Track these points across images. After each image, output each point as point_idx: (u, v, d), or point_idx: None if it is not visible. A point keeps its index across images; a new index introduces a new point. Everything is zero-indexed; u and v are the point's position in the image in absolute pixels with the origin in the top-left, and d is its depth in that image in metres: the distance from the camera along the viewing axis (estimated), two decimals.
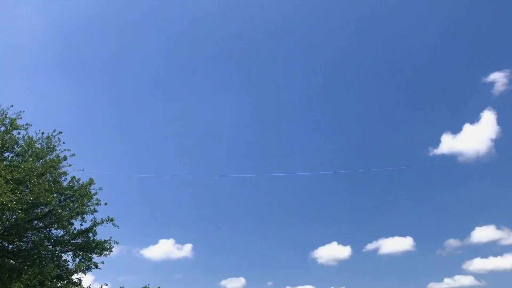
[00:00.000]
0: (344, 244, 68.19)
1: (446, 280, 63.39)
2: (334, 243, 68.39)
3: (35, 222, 23.07)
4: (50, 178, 22.61)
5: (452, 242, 66.14)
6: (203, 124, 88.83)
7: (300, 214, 79.99)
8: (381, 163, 78.32)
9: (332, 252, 68.02)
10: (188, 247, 78.18)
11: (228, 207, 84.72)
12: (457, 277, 62.19)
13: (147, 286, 53.89)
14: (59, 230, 23.76)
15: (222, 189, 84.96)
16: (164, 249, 76.71)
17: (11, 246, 22.91)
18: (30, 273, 18.29)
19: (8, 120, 22.20)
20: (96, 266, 24.09)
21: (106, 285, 22.06)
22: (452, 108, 78.80)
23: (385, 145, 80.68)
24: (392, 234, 68.01)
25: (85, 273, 23.70)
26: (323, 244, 70.26)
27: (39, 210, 22.03)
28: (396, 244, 66.75)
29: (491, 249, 63.09)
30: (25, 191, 19.12)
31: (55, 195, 21.78)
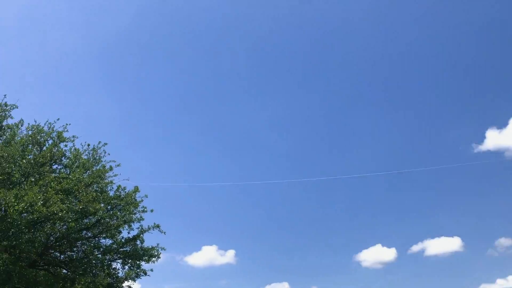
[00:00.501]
0: (389, 246, 66.38)
1: (499, 281, 60.58)
2: (379, 246, 66.67)
3: (85, 232, 23.43)
4: (97, 188, 22.93)
5: (504, 241, 63.25)
6: (243, 130, 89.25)
7: (343, 218, 78.76)
8: (424, 162, 76.29)
9: (377, 254, 66.31)
10: (231, 253, 78.33)
11: (269, 212, 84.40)
12: (510, 277, 59.48)
13: None
14: (107, 239, 24.10)
15: (263, 195, 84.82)
16: (207, 255, 77.08)
17: (62, 256, 23.35)
18: (83, 282, 18.50)
19: (55, 133, 22.67)
20: (145, 273, 24.26)
21: None
22: (496, 102, 75.92)
23: (428, 144, 78.52)
24: (439, 235, 65.67)
25: (134, 280, 23.92)
26: (367, 247, 68.75)
27: (87, 220, 22.40)
28: (443, 245, 64.29)
29: None
30: (73, 201, 19.41)
31: (102, 204, 22.07)
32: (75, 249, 23.71)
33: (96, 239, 23.72)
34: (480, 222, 68.19)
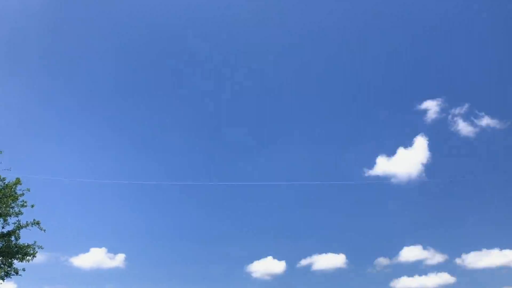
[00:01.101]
0: (279, 259, 68.41)
1: None
2: (270, 258, 68.46)
3: None
4: None
5: (382, 261, 67.92)
6: (140, 130, 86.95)
7: (235, 230, 79.46)
8: (320, 178, 79.62)
9: (267, 266, 68.04)
10: (121, 257, 75.22)
11: (164, 217, 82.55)
12: None
13: None
14: None
15: (157, 199, 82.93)
16: (95, 258, 73.44)
17: None
18: None
19: None
20: (17, 273, 22.32)
21: None
22: (388, 131, 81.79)
23: (325, 162, 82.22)
24: (326, 251, 68.99)
25: (3, 279, 21.89)
26: (258, 258, 70.09)
27: None
28: (329, 261, 67.81)
29: (417, 268, 65.40)
30: None
31: None
32: None
33: None
34: (364, 241, 72.64)
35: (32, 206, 22.54)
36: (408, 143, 75.06)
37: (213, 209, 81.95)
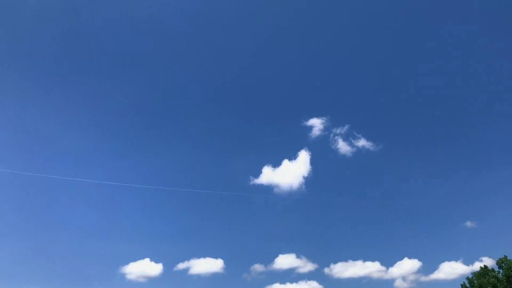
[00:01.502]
0: (157, 262, 67.02)
1: None
2: (147, 260, 66.78)
3: None
4: None
5: (258, 267, 70.03)
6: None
7: (113, 228, 76.48)
8: (205, 184, 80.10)
9: (144, 268, 66.30)
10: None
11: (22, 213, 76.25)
12: None
13: None
14: None
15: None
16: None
17: None
18: None
19: None
20: None
21: None
22: (276, 143, 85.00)
23: (216, 170, 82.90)
24: (205, 255, 69.35)
25: None
26: (135, 259, 68.04)
27: None
28: (207, 265, 68.22)
29: (290, 275, 68.62)
30: None
31: None
32: None
33: None
34: (241, 247, 74.41)
35: None
36: (292, 156, 78.78)
37: (91, 207, 78.29)
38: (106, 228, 75.88)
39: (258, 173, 76.66)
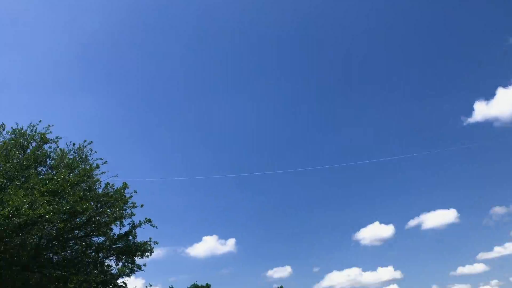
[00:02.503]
0: (386, 223, 66.51)
1: (497, 248, 60.85)
2: (376, 223, 66.83)
3: (76, 231, 23.12)
4: (85, 187, 22.56)
5: (498, 210, 63.48)
6: (234, 123, 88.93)
7: (339, 200, 78.78)
8: (417, 139, 76.04)
9: (375, 232, 66.53)
10: (231, 241, 78.12)
11: (266, 200, 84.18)
12: (507, 244, 59.70)
13: (196, 283, 53.94)
14: (99, 237, 23.77)
15: (258, 185, 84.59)
16: (208, 245, 76.98)
17: (55, 257, 23.02)
18: (75, 281, 18.20)
19: (38, 136, 22.21)
20: (140, 268, 23.97)
21: (151, 285, 21.89)
22: (482, 74, 75.54)
23: (421, 122, 78.48)
24: (434, 208, 65.91)
25: (129, 276, 23.65)
26: (365, 225, 68.95)
27: (78, 220, 22.03)
28: (439, 218, 64.53)
29: None
30: (61, 202, 19.02)
31: (92, 203, 21.68)
32: (68, 249, 23.40)
33: (88, 237, 23.41)
34: (475, 192, 68.39)
35: (141, 206, 23.97)
36: (507, 82, 69.16)
37: (312, 187, 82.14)
38: (333, 200, 78.50)
39: (470, 112, 70.05)
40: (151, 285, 21.37)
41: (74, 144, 23.48)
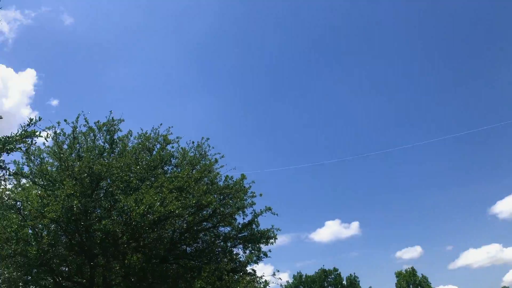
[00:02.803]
0: None
1: None
2: None
3: (204, 223, 24.56)
4: (208, 181, 23.84)
5: None
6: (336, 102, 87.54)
7: (472, 172, 73.76)
8: None
9: None
10: (355, 225, 76.98)
11: (388, 180, 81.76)
12: None
13: (323, 267, 54.09)
14: (226, 227, 25.00)
15: (376, 165, 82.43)
16: (331, 230, 76.93)
17: (189, 249, 24.70)
18: (208, 270, 19.37)
19: (161, 138, 23.90)
20: (266, 255, 24.76)
21: (278, 271, 22.50)
22: None
23: None
24: None
25: (257, 263, 24.55)
26: (502, 197, 63.52)
27: (205, 212, 23.38)
28: None
29: None
30: (187, 197, 20.31)
31: (215, 196, 22.86)
32: (199, 240, 24.96)
33: (216, 228, 24.73)
34: None
35: (261, 194, 24.70)
36: None
37: (439, 163, 77.64)
38: (463, 174, 73.99)
39: None
40: (278, 271, 21.97)
41: (193, 142, 24.86)
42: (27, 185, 20.40)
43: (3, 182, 19.26)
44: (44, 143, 21.24)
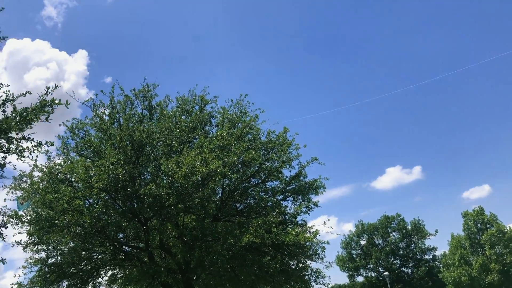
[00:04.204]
0: None
1: None
2: None
3: (252, 180, 24.43)
4: (250, 138, 23.50)
5: None
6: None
7: None
8: None
9: None
10: (417, 169, 74.60)
11: (447, 115, 77.74)
12: None
13: (385, 214, 53.52)
14: (274, 182, 24.74)
15: (429, 100, 78.47)
16: (392, 177, 75.19)
17: (239, 206, 24.75)
18: (255, 224, 19.26)
19: (198, 99, 23.64)
20: (316, 205, 24.36)
21: (328, 219, 22.01)
22: None
23: None
24: None
25: (308, 214, 24.24)
26: None
27: (251, 169, 23.12)
28: None
29: None
30: (229, 155, 20.07)
31: (259, 152, 22.51)
32: (249, 197, 24.92)
33: (264, 184, 24.52)
34: None
35: (305, 146, 24.12)
36: None
37: None
38: None
39: None
40: (329, 219, 21.48)
41: (232, 100, 24.43)
42: (74, 159, 20.91)
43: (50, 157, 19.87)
44: (86, 117, 21.59)
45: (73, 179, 19.81)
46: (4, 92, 10.10)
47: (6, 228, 11.08)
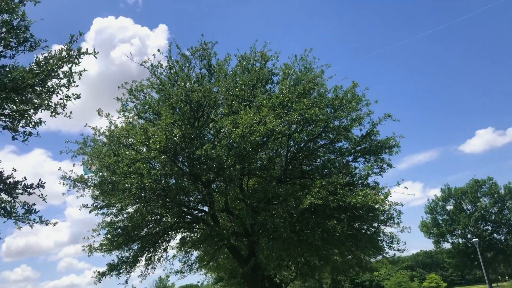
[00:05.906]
0: None
1: None
2: None
3: (320, 141, 22.91)
4: (315, 94, 21.87)
5: None
6: None
7: None
8: None
9: None
10: (511, 131, 68.06)
11: None
12: None
13: (475, 177, 49.86)
14: (343, 142, 23.02)
15: None
16: (483, 139, 69.37)
17: (306, 167, 23.37)
18: (318, 185, 17.81)
19: (258, 55, 22.23)
20: (391, 166, 22.36)
21: (403, 180, 19.98)
22: None
23: None
24: None
25: (381, 175, 22.30)
26: None
27: (317, 129, 21.50)
28: None
29: None
30: (289, 113, 18.68)
31: (325, 109, 20.86)
32: (316, 159, 23.48)
33: (332, 144, 22.90)
34: None
35: (376, 101, 22.07)
36: None
37: None
38: None
39: None
40: (403, 180, 19.52)
41: (295, 56, 22.81)
42: (134, 122, 20.57)
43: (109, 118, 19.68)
44: (146, 79, 21.08)
45: (131, 142, 19.51)
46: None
47: (43, 188, 10.61)
